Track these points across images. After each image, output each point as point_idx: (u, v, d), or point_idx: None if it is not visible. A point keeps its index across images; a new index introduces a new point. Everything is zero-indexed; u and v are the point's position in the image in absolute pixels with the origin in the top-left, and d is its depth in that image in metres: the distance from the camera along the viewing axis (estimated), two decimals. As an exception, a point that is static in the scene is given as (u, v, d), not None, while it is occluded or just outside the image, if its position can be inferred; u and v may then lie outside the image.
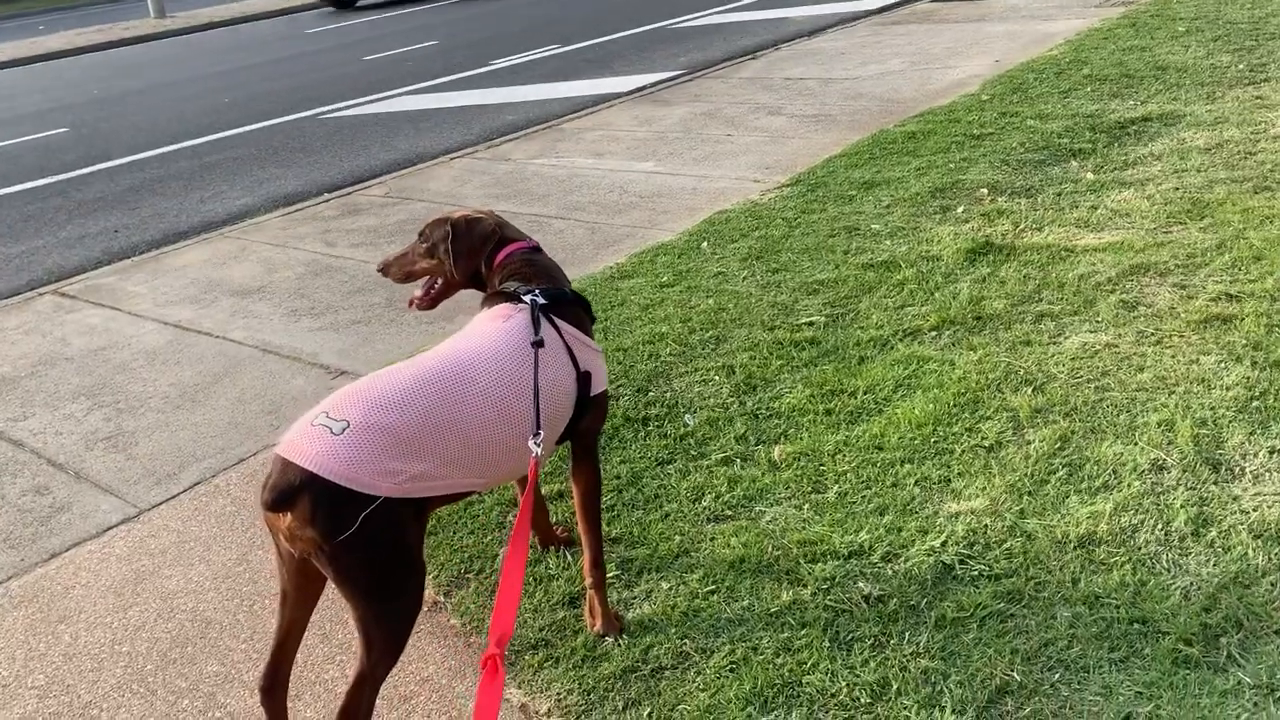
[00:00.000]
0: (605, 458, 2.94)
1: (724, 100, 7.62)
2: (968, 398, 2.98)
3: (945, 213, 4.57)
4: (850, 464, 2.75)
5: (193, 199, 6.94)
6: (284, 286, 4.85)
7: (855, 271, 4.03)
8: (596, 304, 4.06)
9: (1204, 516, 2.34)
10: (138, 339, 4.42)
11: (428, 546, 2.66)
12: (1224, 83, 6.15)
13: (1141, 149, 5.12)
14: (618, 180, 5.94)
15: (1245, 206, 4.16)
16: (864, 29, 10.04)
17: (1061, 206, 4.47)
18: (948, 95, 6.78)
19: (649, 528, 2.60)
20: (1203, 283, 3.54)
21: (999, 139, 5.57)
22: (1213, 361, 3.01)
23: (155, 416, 3.70)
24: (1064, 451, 2.66)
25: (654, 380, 3.39)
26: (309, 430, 1.76)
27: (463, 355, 1.97)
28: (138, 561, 2.85)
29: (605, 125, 7.36)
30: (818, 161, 5.69)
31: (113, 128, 9.85)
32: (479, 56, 11.38)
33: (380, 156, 7.50)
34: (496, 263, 2.27)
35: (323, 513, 1.69)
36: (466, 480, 1.91)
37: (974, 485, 2.58)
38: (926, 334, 3.44)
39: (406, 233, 5.43)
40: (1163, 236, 4.00)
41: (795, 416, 3.04)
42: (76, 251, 6.05)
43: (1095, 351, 3.17)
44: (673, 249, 4.64)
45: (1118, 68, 6.83)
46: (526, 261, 2.25)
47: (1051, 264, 3.87)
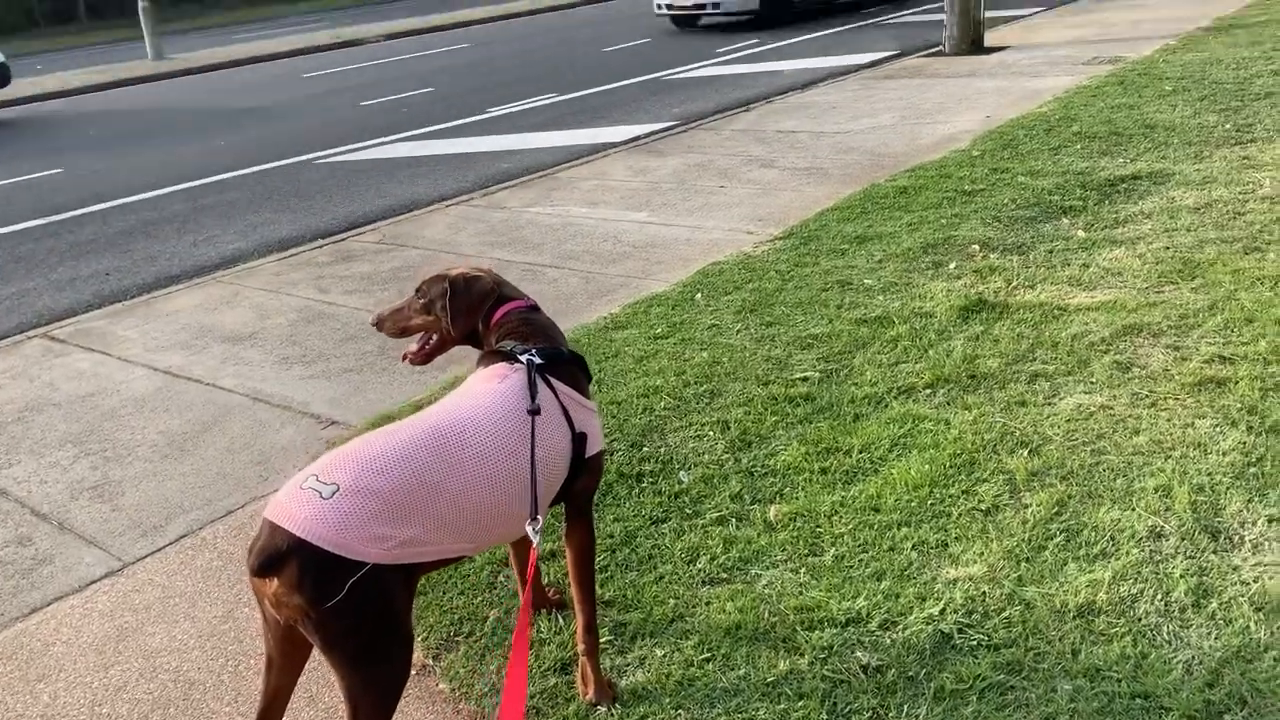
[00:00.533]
0: (599, 515, 2.91)
1: (717, 152, 7.67)
2: (964, 459, 2.96)
3: (937, 269, 4.58)
4: (847, 526, 2.73)
5: (186, 242, 6.93)
6: (276, 333, 4.82)
7: (849, 326, 4.03)
8: (591, 355, 4.04)
9: (1204, 587, 2.32)
10: (127, 385, 4.38)
11: (416, 607, 2.62)
12: (1211, 142, 6.22)
13: (1132, 207, 5.16)
14: (612, 230, 5.96)
15: (1236, 267, 4.18)
16: (855, 83, 10.16)
17: (1053, 264, 4.49)
18: (939, 150, 6.85)
19: (643, 590, 2.56)
20: (1196, 344, 3.55)
21: (990, 195, 5.61)
22: (1208, 425, 3.01)
23: (143, 466, 3.66)
24: (1061, 516, 2.65)
25: (648, 435, 3.37)
26: (298, 494, 1.74)
27: (456, 418, 1.95)
28: (120, 618, 2.79)
29: (600, 174, 7.40)
30: (810, 214, 5.72)
31: (107, 169, 9.86)
32: (476, 104, 11.47)
33: (375, 203, 7.52)
34: (494, 321, 2.26)
35: (310, 579, 1.66)
36: (457, 545, 1.88)
37: (972, 550, 2.55)
38: (921, 392, 3.43)
39: (401, 280, 5.42)
40: (1155, 296, 4.01)
41: (791, 475, 3.02)
42: (67, 294, 6.02)
43: (1090, 413, 3.16)
44: (666, 300, 4.64)
45: (1107, 125, 6.91)
46: (524, 320, 2.24)
47: (1045, 323, 3.87)
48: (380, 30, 22.04)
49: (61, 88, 17.41)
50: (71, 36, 34.88)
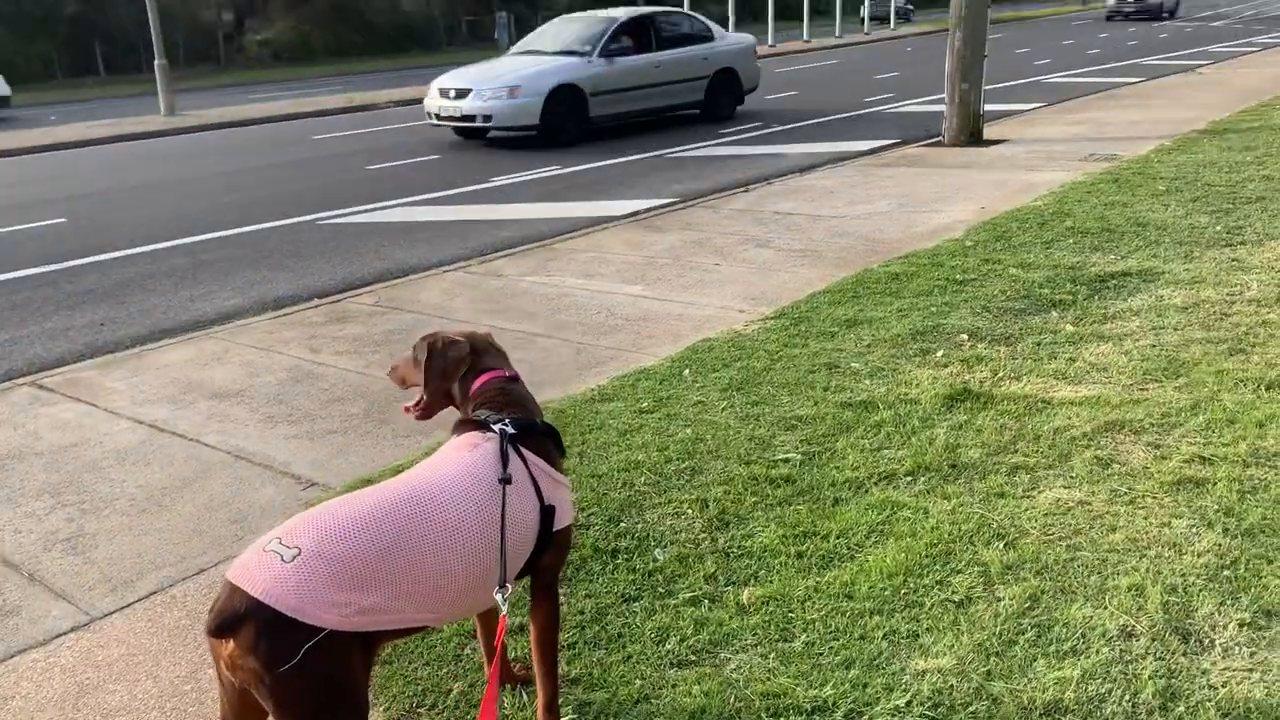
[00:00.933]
0: (571, 590, 2.90)
1: (714, 230, 7.77)
2: (940, 549, 2.96)
3: (925, 356, 4.62)
4: (819, 612, 2.71)
5: (182, 297, 6.97)
6: (264, 391, 4.83)
7: (834, 410, 4.05)
8: (575, 426, 4.06)
9: (1172, 690, 2.30)
10: (110, 437, 4.38)
11: (380, 676, 2.59)
12: (1202, 243, 6.31)
13: (1120, 303, 5.22)
14: (606, 302, 6.01)
15: (1220, 368, 4.22)
16: (853, 169, 10.32)
17: (1040, 356, 4.53)
18: (932, 239, 6.94)
19: (610, 669, 2.54)
20: (1177, 443, 3.56)
21: (981, 285, 5.67)
22: (1185, 525, 3.01)
23: (119, 519, 3.64)
24: (1034, 611, 2.63)
25: (626, 510, 3.36)
26: (260, 556, 1.74)
27: (425, 486, 1.95)
28: (83, 674, 2.76)
29: (597, 247, 7.48)
30: (802, 296, 5.78)
31: (111, 221, 9.96)
32: (480, 172, 11.63)
33: (373, 265, 7.58)
34: (472, 390, 2.27)
35: (265, 642, 1.66)
36: (420, 615, 1.87)
37: (942, 642, 2.54)
38: (902, 479, 3.44)
39: (393, 343, 5.45)
40: (1139, 393, 4.04)
41: (767, 557, 3.01)
42: (60, 343, 6.04)
43: (1069, 508, 3.16)
44: (655, 374, 4.66)
45: (1100, 221, 7.01)
46: (501, 390, 2.25)
47: (1028, 415, 3.89)
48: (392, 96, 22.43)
49: (73, 138, 17.64)
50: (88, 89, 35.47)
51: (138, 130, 18.54)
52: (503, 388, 2.26)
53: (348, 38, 47.20)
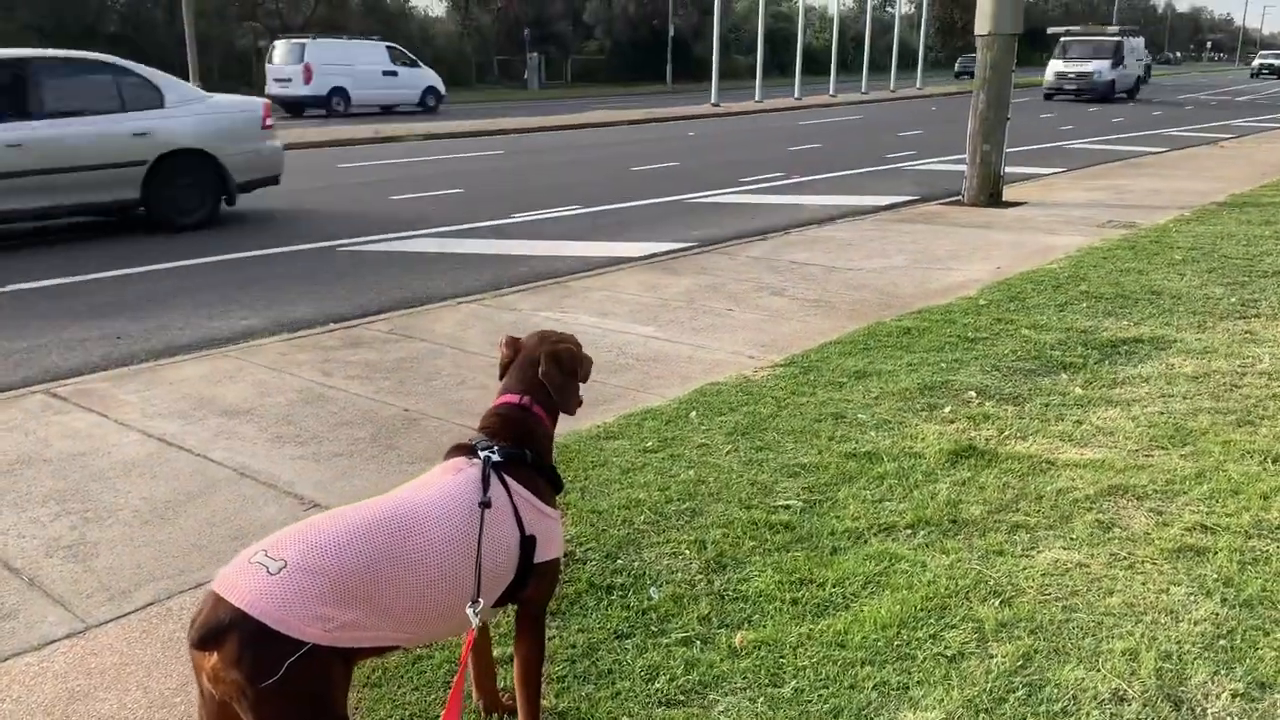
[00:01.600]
0: (564, 624, 2.90)
1: (729, 276, 7.82)
2: (935, 603, 2.95)
3: (932, 411, 4.62)
4: (811, 659, 2.71)
5: (200, 315, 7.05)
6: (273, 411, 4.87)
7: (837, 459, 4.05)
8: (579, 461, 4.07)
9: (1161, 756, 2.29)
10: (119, 448, 4.42)
11: (368, 699, 2.60)
12: (1215, 313, 6.31)
13: (1131, 369, 5.22)
14: (617, 341, 6.04)
15: (1227, 439, 4.21)
16: (871, 223, 10.39)
17: (1047, 418, 4.53)
18: (946, 296, 6.96)
19: (598, 705, 2.54)
20: (1179, 511, 3.55)
21: (992, 344, 5.68)
22: (1183, 593, 2.99)
23: (121, 530, 3.67)
24: (1026, 670, 2.62)
25: (624, 547, 3.37)
26: (245, 568, 1.76)
27: (408, 506, 1.97)
28: (74, 680, 2.77)
29: (612, 286, 7.54)
30: (813, 345, 5.80)
31: (134, 236, 10.08)
32: (502, 209, 11.75)
33: (391, 293, 7.65)
34: (489, 408, 2.29)
35: (249, 655, 1.67)
36: (394, 635, 1.89)
37: (932, 696, 2.53)
38: (901, 531, 3.44)
39: (404, 370, 5.49)
40: (1144, 459, 4.03)
41: (761, 602, 3.01)
42: (76, 354, 6.11)
43: (1067, 569, 3.15)
44: (661, 415, 4.68)
45: (1114, 287, 7.03)
46: (502, 416, 2.27)
47: (1032, 474, 3.89)
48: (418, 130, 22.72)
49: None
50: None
51: (168, 150, 18.77)
52: (504, 415, 2.27)
53: (381, 70, 47.76)
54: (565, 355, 2.34)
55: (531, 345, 2.35)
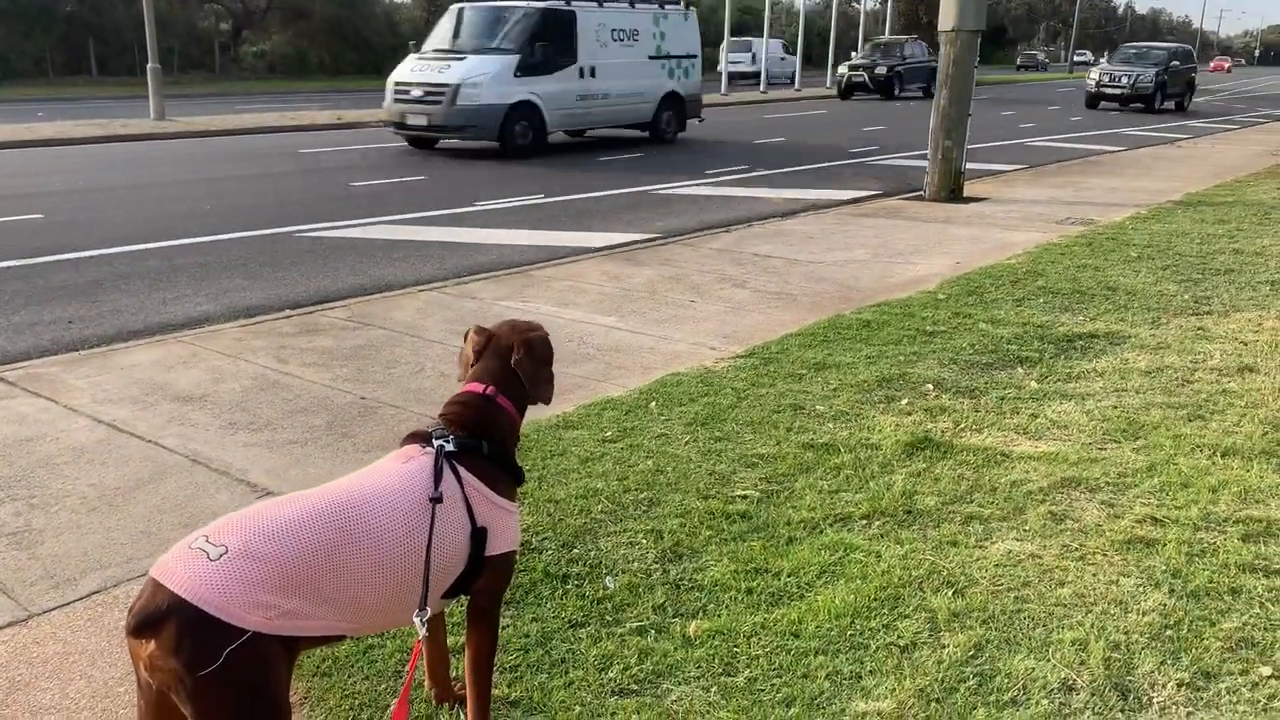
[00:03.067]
0: (518, 613, 2.88)
1: (692, 267, 7.81)
2: (889, 593, 2.97)
3: (889, 403, 4.65)
4: (764, 648, 2.71)
5: (154, 299, 6.93)
6: (227, 398, 4.80)
7: (795, 450, 4.06)
8: (537, 451, 4.05)
9: (1108, 744, 2.31)
10: (67, 434, 4.33)
11: (318, 688, 2.56)
12: (1169, 310, 6.40)
13: (1086, 364, 5.28)
14: (578, 331, 6.02)
15: (1178, 433, 4.27)
16: (834, 217, 10.43)
17: (1003, 411, 4.57)
18: (906, 289, 7.00)
19: (550, 694, 2.52)
20: (1130, 503, 3.60)
21: (950, 338, 5.72)
22: (1132, 584, 3.03)
23: (68, 517, 3.59)
24: (977, 660, 2.64)
25: (581, 536, 3.35)
26: (185, 553, 1.72)
27: (355, 494, 1.94)
28: (14, 670, 2.71)
29: (574, 277, 7.51)
30: (774, 337, 5.81)
31: (89, 219, 9.90)
32: (464, 196, 11.66)
33: (349, 280, 7.57)
34: (451, 396, 2.25)
35: (188, 643, 1.63)
36: (340, 624, 1.86)
37: (884, 685, 2.54)
38: (857, 522, 3.45)
39: (361, 358, 5.43)
40: (1097, 452, 4.08)
41: (717, 591, 3.00)
42: (26, 338, 5.98)
43: (1019, 560, 3.18)
44: (621, 405, 4.66)
45: (1071, 283, 7.10)
46: (464, 404, 2.23)
47: (986, 466, 3.92)
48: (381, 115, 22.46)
49: (57, 135, 17.56)
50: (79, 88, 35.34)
51: (124, 132, 18.49)
52: (466, 403, 2.23)
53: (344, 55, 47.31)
54: (538, 343, 2.32)
55: (503, 334, 2.31)
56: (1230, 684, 2.55)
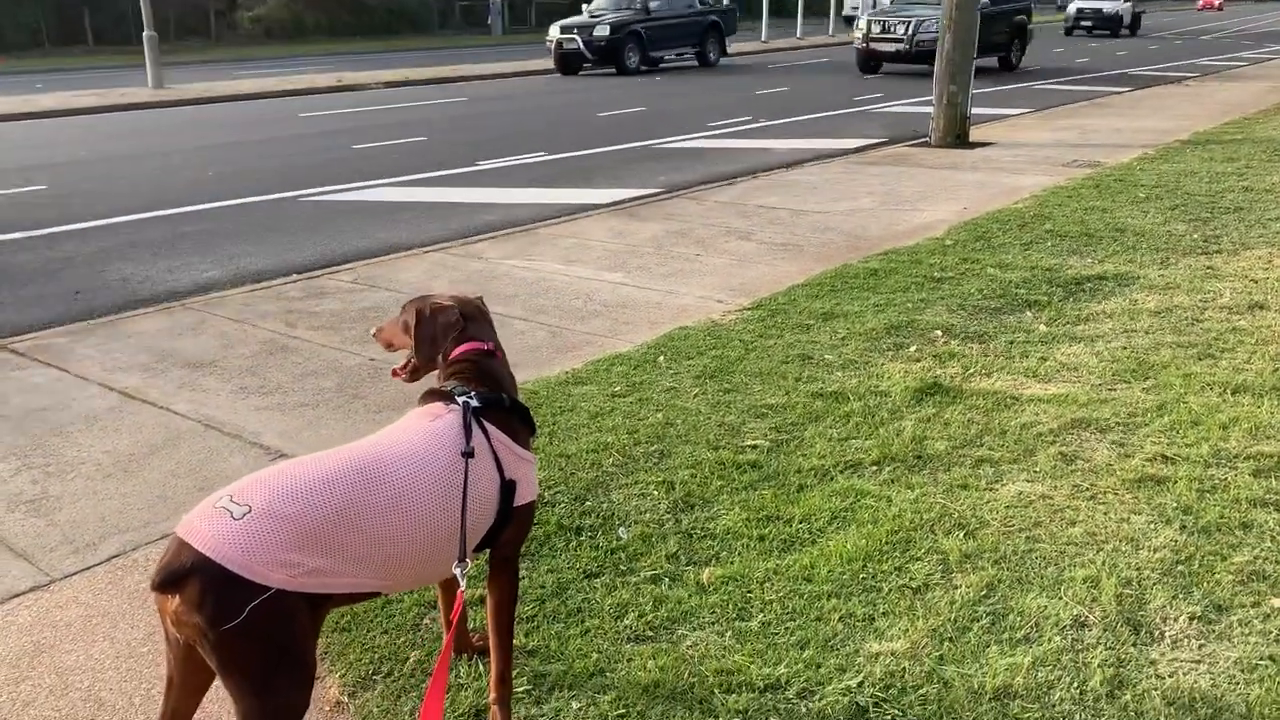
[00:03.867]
0: (534, 565, 2.91)
1: (697, 221, 7.78)
2: (900, 536, 2.98)
3: (898, 350, 4.64)
4: (778, 593, 2.73)
5: (160, 268, 6.94)
6: (237, 363, 4.82)
7: (804, 399, 4.07)
8: (547, 407, 4.06)
9: (1120, 678, 2.33)
10: (80, 402, 4.36)
11: (338, 643, 2.60)
12: (1178, 250, 6.36)
13: (1095, 306, 5.26)
14: (585, 288, 6.01)
15: (1188, 371, 4.26)
16: (840, 166, 10.35)
17: (1012, 355, 4.56)
18: (913, 237, 6.97)
19: (567, 642, 2.55)
20: (1141, 442, 3.60)
21: (958, 284, 5.70)
22: (1143, 521, 3.04)
23: (84, 483, 3.63)
24: (989, 599, 2.66)
25: (593, 490, 3.37)
26: (209, 512, 1.74)
27: (383, 452, 1.95)
28: (39, 633, 2.75)
29: (579, 234, 7.48)
30: (781, 288, 5.80)
31: (93, 190, 9.89)
32: (467, 155, 11.60)
33: (354, 243, 7.56)
34: (450, 358, 2.27)
35: (210, 599, 1.66)
36: (371, 581, 1.87)
37: (897, 626, 2.56)
38: (867, 468, 3.46)
39: (369, 320, 5.44)
40: (1107, 393, 4.08)
41: (729, 539, 3.03)
42: (34, 309, 6.00)
43: (1030, 501, 3.19)
44: (629, 360, 4.67)
45: (1079, 226, 7.06)
46: (473, 363, 2.24)
47: (996, 410, 3.92)
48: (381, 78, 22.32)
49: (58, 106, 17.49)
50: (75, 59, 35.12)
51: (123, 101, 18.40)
52: (476, 361, 2.25)
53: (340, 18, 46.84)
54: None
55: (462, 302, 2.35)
56: (1241, 616, 2.57)
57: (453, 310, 2.29)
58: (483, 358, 2.26)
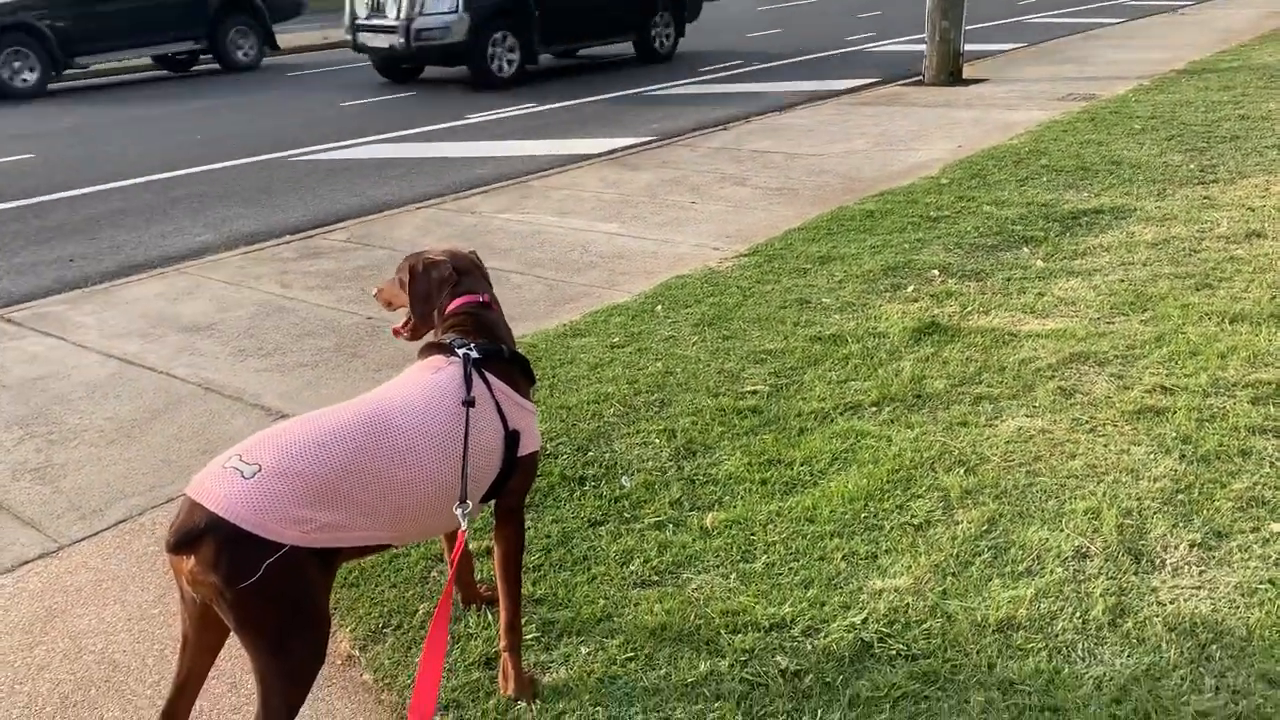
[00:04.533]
0: (538, 516, 2.93)
1: (691, 168, 7.73)
2: (901, 475, 3.00)
3: (895, 291, 4.64)
4: (780, 535, 2.75)
5: (153, 233, 6.90)
6: (234, 325, 4.81)
7: (803, 343, 4.07)
8: (546, 360, 4.06)
9: (1122, 607, 2.36)
10: (79, 370, 4.36)
11: (347, 598, 2.62)
12: (1175, 181, 6.32)
13: (1092, 240, 5.24)
14: (580, 239, 5.98)
15: (1186, 302, 4.26)
16: (833, 108, 10.26)
17: (1010, 291, 4.55)
18: (908, 177, 6.92)
19: (574, 590, 2.58)
20: (1139, 374, 3.60)
21: (954, 222, 5.68)
22: (1143, 452, 3.06)
23: (88, 450, 3.64)
24: (991, 534, 2.68)
25: (595, 440, 3.39)
26: (219, 473, 1.74)
27: (386, 406, 1.96)
28: (50, 598, 2.78)
29: (573, 185, 7.43)
30: (777, 233, 5.77)
31: (81, 157, 9.81)
32: (456, 110, 11.49)
33: (347, 202, 7.52)
34: (447, 311, 2.27)
35: (225, 558, 1.67)
36: (380, 534, 1.89)
37: (900, 563, 2.58)
38: (867, 409, 3.47)
39: (364, 278, 5.42)
40: (1105, 326, 4.08)
41: (731, 484, 3.04)
42: (28, 279, 5.98)
43: (1030, 436, 3.21)
44: (627, 310, 4.66)
45: (1075, 160, 7.01)
46: (472, 315, 2.25)
47: (994, 347, 3.92)
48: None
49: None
50: (57, 25, 34.59)
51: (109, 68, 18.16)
52: (473, 313, 2.25)
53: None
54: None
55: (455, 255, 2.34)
56: (1241, 541, 2.59)
57: (445, 265, 2.29)
58: (480, 309, 2.26)
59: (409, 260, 2.33)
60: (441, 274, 2.28)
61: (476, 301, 2.28)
